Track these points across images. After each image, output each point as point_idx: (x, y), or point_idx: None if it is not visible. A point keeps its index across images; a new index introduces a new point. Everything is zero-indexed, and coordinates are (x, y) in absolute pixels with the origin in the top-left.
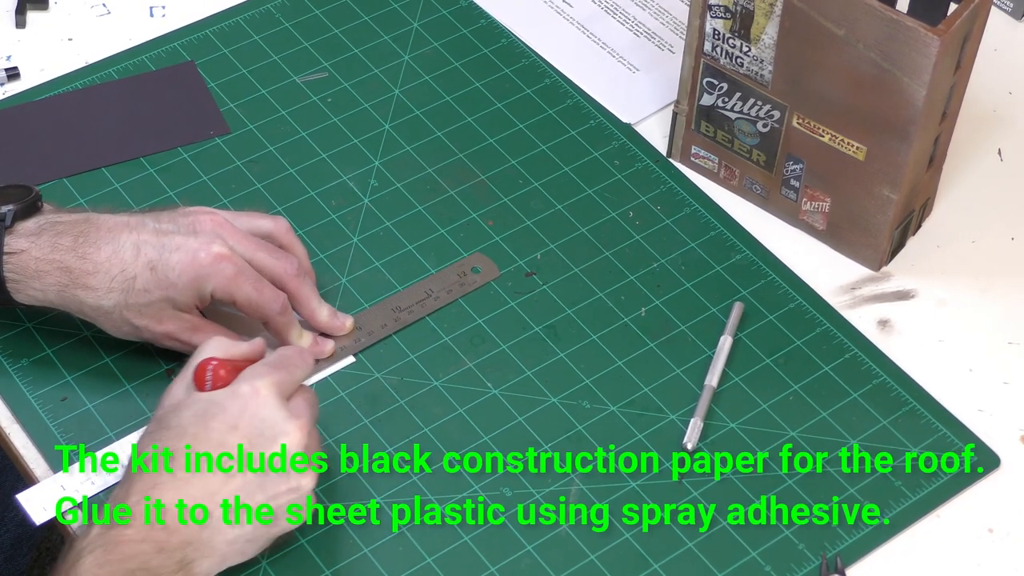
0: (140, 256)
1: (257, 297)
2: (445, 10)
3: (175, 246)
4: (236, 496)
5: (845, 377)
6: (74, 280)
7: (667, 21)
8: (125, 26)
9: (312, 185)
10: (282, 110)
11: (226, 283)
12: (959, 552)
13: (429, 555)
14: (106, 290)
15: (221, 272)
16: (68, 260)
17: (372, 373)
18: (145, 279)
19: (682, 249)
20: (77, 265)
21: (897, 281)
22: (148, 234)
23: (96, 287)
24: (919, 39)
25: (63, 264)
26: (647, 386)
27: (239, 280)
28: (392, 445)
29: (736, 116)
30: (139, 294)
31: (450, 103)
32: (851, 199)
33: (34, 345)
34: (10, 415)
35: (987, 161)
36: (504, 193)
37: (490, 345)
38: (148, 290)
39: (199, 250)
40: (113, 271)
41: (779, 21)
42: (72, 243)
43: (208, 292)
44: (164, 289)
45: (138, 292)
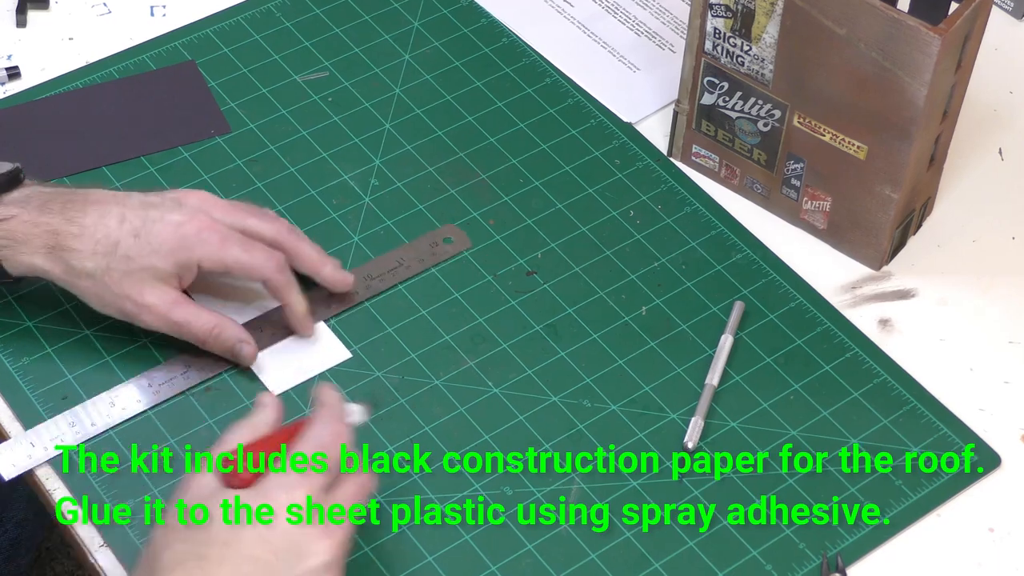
0: (125, 223)
1: (248, 259)
2: (446, 9)
3: (159, 217)
4: None
5: (846, 376)
6: (60, 242)
7: (668, 20)
8: (126, 25)
9: (313, 184)
10: (283, 109)
11: (213, 250)
12: (959, 552)
13: (429, 554)
14: (90, 252)
15: (206, 241)
16: (55, 223)
17: (373, 372)
18: (128, 245)
19: (683, 248)
20: (64, 227)
21: (898, 280)
22: (134, 205)
23: (80, 249)
24: (920, 38)
25: (50, 227)
26: (648, 385)
27: (226, 245)
28: (392, 444)
29: (737, 115)
30: (122, 260)
31: (451, 102)
32: (852, 198)
33: (35, 344)
34: (11, 414)
35: (988, 160)
36: (505, 192)
37: (491, 344)
38: (131, 256)
39: (183, 222)
40: (98, 235)
41: (780, 20)
42: (60, 207)
43: (194, 263)
44: (146, 257)
45: (120, 258)
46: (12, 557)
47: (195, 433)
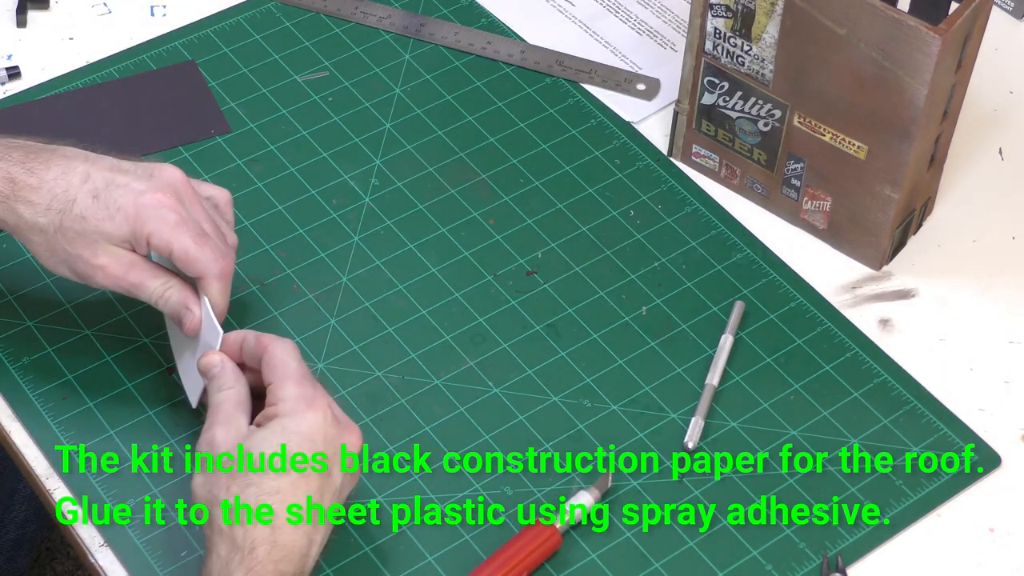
0: (87, 184)
1: (196, 252)
2: (446, 9)
3: (124, 183)
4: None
5: (846, 376)
6: (15, 192)
7: (669, 19)
8: (126, 25)
9: (313, 184)
10: (283, 109)
11: (165, 229)
12: (959, 552)
13: (429, 554)
14: (44, 207)
15: (162, 217)
16: (14, 171)
17: (373, 372)
18: (84, 205)
19: (683, 248)
20: (22, 178)
21: (898, 280)
22: (103, 167)
23: (36, 202)
24: (920, 38)
25: (8, 175)
26: (648, 385)
27: (180, 229)
28: (392, 444)
29: (737, 115)
30: (75, 219)
31: (451, 102)
32: (852, 198)
33: (35, 344)
34: (11, 413)
35: (988, 160)
36: (505, 192)
37: (491, 344)
38: (84, 217)
39: (145, 192)
40: (56, 189)
41: (780, 20)
42: (23, 156)
43: (144, 235)
44: (99, 220)
45: (74, 217)
46: (13, 557)
47: (195, 433)
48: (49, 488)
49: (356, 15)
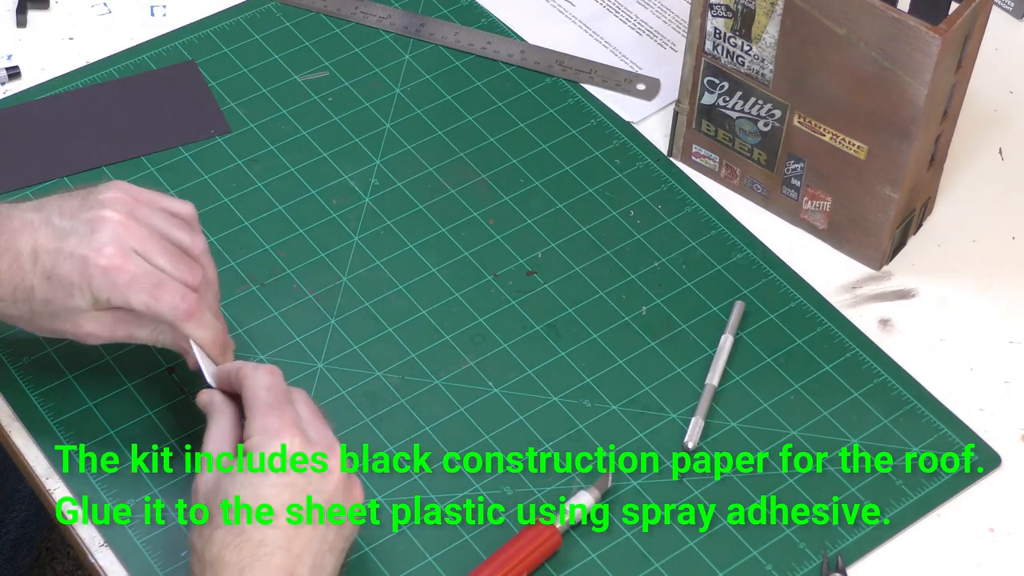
0: (37, 265)
1: (155, 305)
2: (446, 9)
3: (68, 252)
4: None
5: (846, 376)
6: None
7: (669, 19)
8: (126, 25)
9: (313, 184)
10: (283, 109)
11: (118, 293)
12: (959, 552)
13: (429, 554)
14: (11, 300)
15: (112, 283)
16: None
17: (373, 371)
18: (43, 290)
19: (683, 248)
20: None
21: (898, 280)
22: (47, 236)
23: (3, 297)
24: (920, 38)
25: None
26: (648, 385)
27: (132, 288)
28: (392, 444)
29: (737, 115)
30: (41, 304)
31: (451, 102)
32: (852, 198)
33: (35, 343)
34: (11, 413)
35: (988, 160)
36: (505, 192)
37: (491, 344)
38: (49, 300)
39: (90, 256)
40: (15, 280)
41: (780, 20)
42: None
43: (104, 300)
44: (63, 300)
45: (40, 302)
46: (14, 557)
47: (195, 433)
48: (49, 488)
49: (356, 15)
